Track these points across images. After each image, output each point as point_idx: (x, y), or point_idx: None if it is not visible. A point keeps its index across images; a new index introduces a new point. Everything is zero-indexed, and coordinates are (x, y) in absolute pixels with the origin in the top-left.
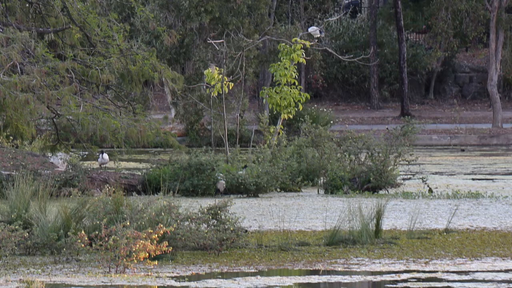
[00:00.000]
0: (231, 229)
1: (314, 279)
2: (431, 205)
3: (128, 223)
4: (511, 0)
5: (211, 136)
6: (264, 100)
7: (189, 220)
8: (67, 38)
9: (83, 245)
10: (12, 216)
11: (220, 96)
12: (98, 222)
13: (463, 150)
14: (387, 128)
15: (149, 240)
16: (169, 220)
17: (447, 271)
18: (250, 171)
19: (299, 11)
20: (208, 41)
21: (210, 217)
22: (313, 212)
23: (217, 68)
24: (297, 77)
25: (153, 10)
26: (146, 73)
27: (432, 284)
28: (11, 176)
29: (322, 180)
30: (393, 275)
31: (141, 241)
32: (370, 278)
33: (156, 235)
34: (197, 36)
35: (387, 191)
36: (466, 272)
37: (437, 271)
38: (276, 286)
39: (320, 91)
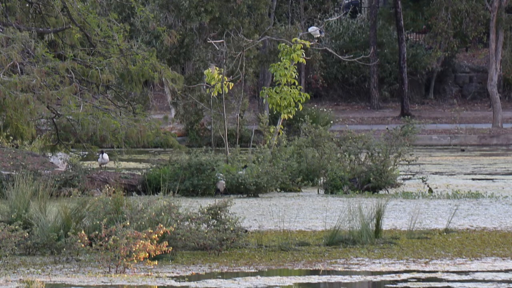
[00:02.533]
0: (231, 229)
1: (314, 279)
2: (431, 205)
3: (128, 223)
4: (511, 0)
5: (211, 136)
6: (264, 100)
7: (189, 220)
8: (67, 38)
9: (83, 245)
10: (12, 216)
11: (220, 96)
12: (98, 222)
13: (463, 150)
14: (387, 128)
15: (149, 240)
16: (169, 220)
17: (447, 271)
18: (250, 171)
19: (299, 11)
20: (208, 41)
21: (210, 217)
22: (313, 212)
23: (217, 68)
24: (297, 77)
25: (153, 10)
26: (146, 73)
27: (432, 284)
28: (11, 176)
29: (322, 180)
30: (393, 275)
31: (141, 241)
32: (370, 278)
33: (156, 235)
34: (197, 36)
35: (387, 191)
36: (466, 272)
37: (437, 271)
38: (276, 286)
39: (320, 91)
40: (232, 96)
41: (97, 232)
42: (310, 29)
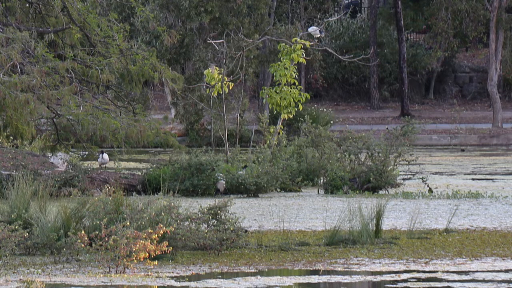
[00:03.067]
0: (231, 229)
1: (314, 279)
2: (431, 205)
3: (128, 223)
4: (511, 0)
5: (211, 136)
6: (264, 100)
7: (189, 220)
8: (67, 38)
9: (83, 245)
10: (12, 216)
11: (220, 96)
12: (98, 222)
13: (463, 150)
14: (387, 128)
15: (149, 240)
16: (169, 220)
17: (447, 271)
18: (250, 171)
19: (299, 11)
20: (208, 41)
21: (210, 217)
22: (313, 212)
23: (217, 68)
24: (297, 77)
25: (153, 10)
26: (146, 73)
27: (432, 284)
28: (11, 176)
29: (322, 180)
30: (393, 275)
31: (141, 241)
32: (370, 278)
33: (156, 235)
34: (197, 36)
35: (387, 191)
36: (466, 272)
37: (437, 271)
38: (276, 286)
39: (320, 91)
40: (232, 96)
41: (97, 232)
42: (310, 29)
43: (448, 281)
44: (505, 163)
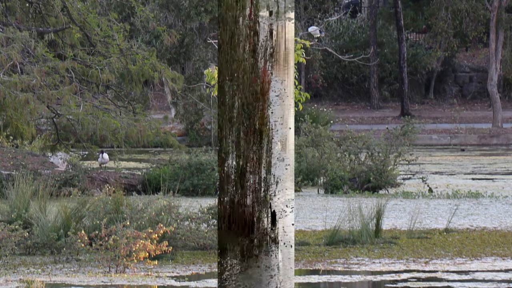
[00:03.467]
0: None
1: (314, 279)
2: (431, 205)
3: (128, 223)
4: (511, 0)
5: (211, 136)
6: None
7: (189, 219)
8: (67, 38)
9: (83, 245)
10: (12, 216)
11: None
12: (98, 222)
13: (463, 150)
14: (387, 128)
15: (149, 240)
16: (169, 220)
17: (447, 271)
18: None
19: (299, 11)
20: (208, 41)
21: (210, 216)
22: (313, 212)
23: (217, 68)
24: (297, 77)
25: (153, 10)
26: (146, 73)
27: (432, 284)
28: (11, 176)
29: (322, 180)
30: (393, 274)
31: (141, 241)
32: (370, 277)
33: (156, 235)
34: (197, 36)
35: (387, 191)
36: (466, 272)
37: (437, 271)
38: None
39: (320, 91)
40: None
41: (97, 232)
42: (310, 29)
43: (448, 280)
44: (505, 162)
